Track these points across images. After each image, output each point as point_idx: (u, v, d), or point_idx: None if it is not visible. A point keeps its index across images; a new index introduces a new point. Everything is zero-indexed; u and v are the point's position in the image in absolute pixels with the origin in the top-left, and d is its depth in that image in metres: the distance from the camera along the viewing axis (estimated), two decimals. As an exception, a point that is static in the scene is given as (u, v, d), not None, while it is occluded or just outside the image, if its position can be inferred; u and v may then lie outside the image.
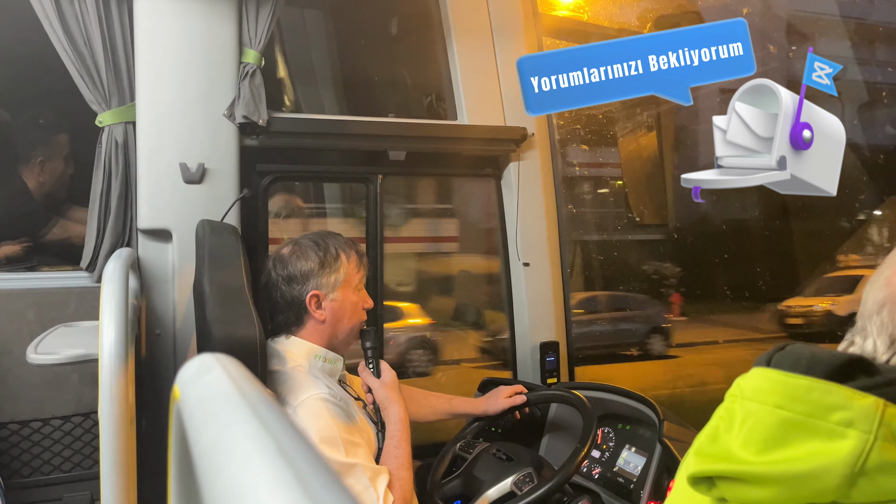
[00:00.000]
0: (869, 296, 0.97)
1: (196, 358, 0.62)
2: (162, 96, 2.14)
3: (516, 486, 1.94)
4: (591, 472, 2.33)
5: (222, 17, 2.17)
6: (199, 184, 2.16)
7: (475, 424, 2.31)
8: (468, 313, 5.24)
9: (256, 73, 2.19)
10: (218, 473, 0.43)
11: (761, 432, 0.84)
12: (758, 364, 0.90)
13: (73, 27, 2.10)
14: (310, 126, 2.41)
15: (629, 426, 2.33)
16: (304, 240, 1.90)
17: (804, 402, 0.82)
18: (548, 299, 2.79)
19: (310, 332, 1.87)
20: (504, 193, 2.77)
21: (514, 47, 2.72)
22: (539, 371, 2.73)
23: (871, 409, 0.79)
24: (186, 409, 0.56)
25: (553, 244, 2.81)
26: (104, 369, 1.36)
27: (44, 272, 2.37)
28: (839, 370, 0.83)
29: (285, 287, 1.86)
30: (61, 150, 2.81)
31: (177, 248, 2.16)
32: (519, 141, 2.68)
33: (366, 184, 2.56)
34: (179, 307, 2.16)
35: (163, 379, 2.13)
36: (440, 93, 2.81)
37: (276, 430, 0.44)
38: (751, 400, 0.87)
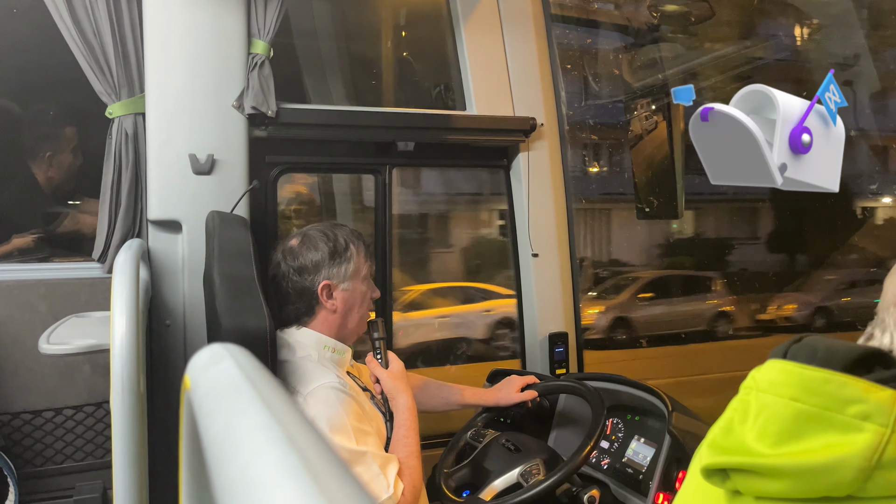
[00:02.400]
0: (889, 288, 0.96)
1: (207, 348, 0.62)
2: (171, 87, 2.14)
3: (524, 478, 1.94)
4: (599, 462, 2.33)
5: (231, 8, 2.17)
6: (209, 175, 2.17)
7: (485, 414, 2.32)
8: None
9: (265, 64, 2.19)
10: (228, 462, 0.43)
11: (776, 425, 0.83)
12: (773, 356, 0.89)
13: (82, 19, 2.10)
14: (318, 117, 2.41)
15: (638, 417, 2.33)
16: (313, 231, 1.91)
17: (820, 394, 0.81)
18: (557, 290, 2.78)
19: (320, 323, 1.88)
20: (513, 184, 2.76)
21: (524, 37, 2.71)
22: (548, 362, 2.73)
23: (888, 403, 0.78)
24: (197, 399, 0.57)
25: (562, 234, 2.80)
26: (115, 359, 1.37)
27: (55, 263, 2.39)
28: (855, 363, 0.82)
29: (297, 278, 1.87)
30: (70, 142, 2.82)
31: (186, 238, 2.16)
32: (528, 131, 2.67)
33: (375, 174, 2.56)
34: (189, 297, 2.17)
35: (173, 369, 2.14)
36: (449, 83, 2.80)
37: (286, 420, 0.45)
38: (766, 392, 0.86)
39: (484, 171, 4.29)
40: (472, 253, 9.77)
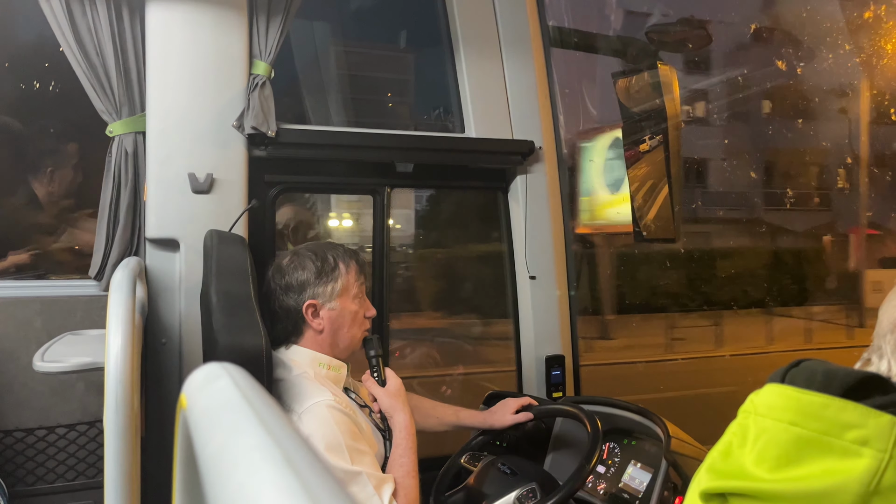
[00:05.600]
0: (884, 315, 0.96)
1: (203, 367, 0.62)
2: (172, 107, 2.15)
3: (519, 502, 1.93)
4: (596, 487, 2.32)
5: (233, 29, 2.19)
6: (208, 194, 2.17)
7: (480, 437, 2.30)
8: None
9: (266, 85, 2.21)
10: (224, 482, 0.43)
11: (775, 449, 0.83)
12: (772, 380, 0.89)
13: (85, 38, 2.12)
14: (318, 137, 2.42)
15: (635, 441, 2.31)
16: (303, 250, 1.92)
17: (819, 419, 0.81)
18: (554, 313, 2.78)
19: (309, 342, 1.88)
20: (511, 206, 2.77)
21: (523, 60, 2.73)
22: (544, 385, 2.72)
23: (887, 428, 0.78)
24: (193, 418, 0.56)
25: (560, 257, 2.81)
26: (110, 377, 1.36)
27: (52, 280, 2.38)
28: (854, 387, 0.82)
29: (283, 296, 1.87)
30: (71, 160, 2.82)
31: (184, 257, 2.16)
32: (526, 154, 2.68)
33: (373, 195, 2.57)
34: (186, 316, 2.17)
35: (168, 388, 2.13)
36: (448, 105, 2.82)
37: (282, 440, 0.44)
38: (764, 416, 0.86)
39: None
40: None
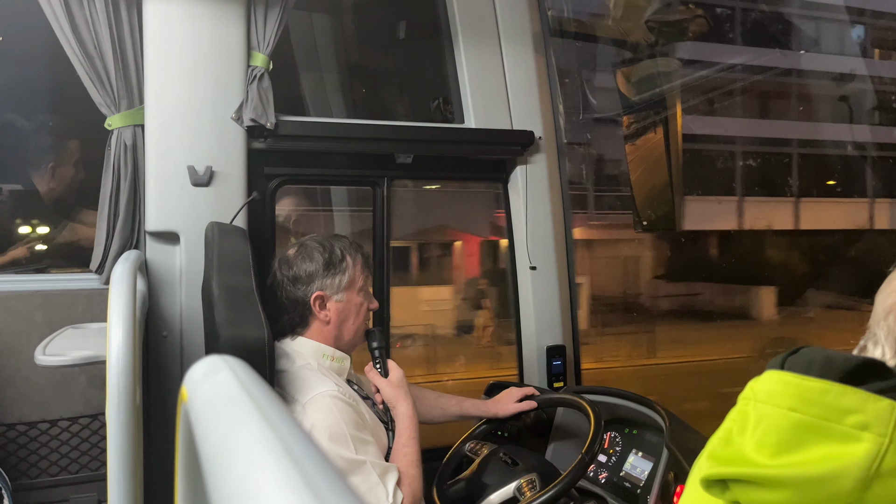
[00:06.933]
0: (879, 302, 0.97)
1: (204, 360, 0.62)
2: (170, 99, 2.14)
3: (520, 492, 1.94)
4: (597, 476, 2.32)
5: (230, 21, 2.18)
6: (207, 187, 2.17)
7: (483, 427, 2.31)
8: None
9: (264, 77, 2.20)
10: (225, 474, 0.43)
11: (775, 435, 0.84)
12: (771, 367, 0.89)
13: (83, 31, 2.11)
14: (317, 129, 2.42)
15: (636, 430, 2.32)
16: (310, 241, 1.92)
17: (818, 405, 0.82)
18: (555, 303, 2.78)
19: (315, 333, 1.88)
20: (511, 197, 2.77)
21: (522, 50, 2.72)
22: (546, 375, 2.72)
23: (886, 412, 0.79)
24: (194, 411, 0.57)
25: (560, 248, 2.80)
26: (112, 371, 1.36)
27: (53, 274, 2.38)
28: (853, 373, 0.83)
29: (290, 288, 1.87)
30: (71, 154, 2.82)
31: (184, 250, 2.16)
32: (526, 144, 2.67)
33: (373, 187, 2.56)
34: (186, 309, 2.17)
35: (170, 381, 2.13)
36: (447, 96, 2.81)
37: (283, 432, 0.45)
38: (764, 403, 0.86)
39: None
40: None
